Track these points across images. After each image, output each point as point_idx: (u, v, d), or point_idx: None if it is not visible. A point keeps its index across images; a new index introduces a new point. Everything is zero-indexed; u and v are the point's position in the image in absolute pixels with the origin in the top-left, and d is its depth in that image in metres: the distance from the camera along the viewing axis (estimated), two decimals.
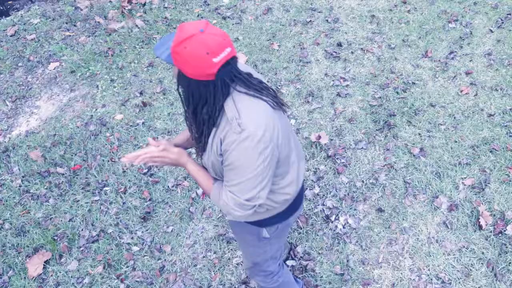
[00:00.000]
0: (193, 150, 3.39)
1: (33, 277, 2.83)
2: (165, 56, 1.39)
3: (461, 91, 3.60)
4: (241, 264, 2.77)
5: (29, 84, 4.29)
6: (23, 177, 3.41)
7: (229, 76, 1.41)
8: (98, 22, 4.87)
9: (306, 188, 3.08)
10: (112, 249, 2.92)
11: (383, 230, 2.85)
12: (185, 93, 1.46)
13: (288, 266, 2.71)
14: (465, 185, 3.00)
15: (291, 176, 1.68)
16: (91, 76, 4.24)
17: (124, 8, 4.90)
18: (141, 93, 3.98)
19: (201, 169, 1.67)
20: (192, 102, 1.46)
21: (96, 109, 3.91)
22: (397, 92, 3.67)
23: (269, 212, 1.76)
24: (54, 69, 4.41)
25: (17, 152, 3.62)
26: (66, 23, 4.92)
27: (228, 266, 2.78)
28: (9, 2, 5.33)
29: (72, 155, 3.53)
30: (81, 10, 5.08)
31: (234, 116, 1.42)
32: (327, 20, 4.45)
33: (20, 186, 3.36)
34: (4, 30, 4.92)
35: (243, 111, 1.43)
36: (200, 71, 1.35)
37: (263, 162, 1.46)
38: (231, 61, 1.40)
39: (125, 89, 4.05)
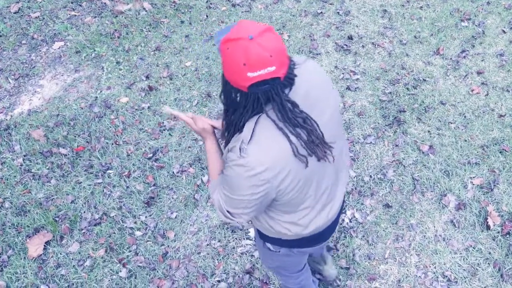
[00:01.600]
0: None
1: (33, 257, 2.78)
2: (218, 46, 1.28)
3: (472, 91, 3.57)
4: (246, 254, 2.73)
5: (33, 63, 4.21)
6: (24, 156, 3.35)
7: (265, 96, 1.25)
8: (104, 3, 4.78)
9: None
10: (114, 232, 2.88)
11: (390, 226, 2.82)
12: (222, 89, 1.35)
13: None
14: (473, 184, 2.98)
15: (294, 217, 1.54)
16: (96, 57, 4.16)
17: None
18: (147, 77, 3.92)
19: (217, 152, 1.59)
20: (225, 102, 1.35)
21: (101, 91, 3.84)
22: (408, 88, 3.63)
23: (268, 231, 1.65)
24: (58, 48, 4.33)
25: (18, 130, 3.55)
26: (71, 2, 4.82)
27: (233, 255, 2.74)
28: None
29: (75, 136, 3.46)
30: None
31: (244, 138, 1.30)
32: (338, 13, 4.40)
33: (21, 165, 3.29)
34: (7, 7, 4.82)
35: (255, 139, 1.29)
36: (233, 78, 1.23)
37: (251, 195, 1.35)
38: (271, 82, 1.22)
39: (131, 72, 3.99)
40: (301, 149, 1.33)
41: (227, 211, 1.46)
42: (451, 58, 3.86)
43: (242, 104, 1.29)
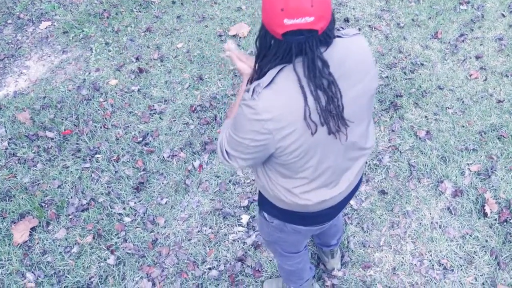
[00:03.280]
0: None
1: (19, 244, 2.69)
2: None
3: (470, 75, 3.49)
4: (238, 241, 2.67)
5: (19, 43, 4.06)
6: (9, 139, 3.24)
7: (298, 48, 1.18)
8: None
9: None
10: (102, 219, 2.79)
11: (385, 213, 2.76)
12: (258, 33, 1.28)
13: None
14: (471, 171, 2.92)
15: (290, 184, 1.47)
16: (84, 38, 4.03)
17: None
18: (137, 59, 3.80)
19: None
20: (258, 46, 1.29)
21: (89, 73, 3.72)
22: (405, 73, 3.54)
23: (266, 193, 1.59)
24: (45, 28, 4.18)
25: (4, 113, 3.43)
26: None
27: (224, 242, 2.67)
28: None
29: (62, 119, 3.35)
30: None
31: (262, 82, 1.24)
32: None
33: (6, 148, 3.19)
34: None
35: (272, 86, 1.24)
36: (269, 23, 1.17)
37: (250, 141, 1.30)
38: (307, 33, 1.15)
39: (121, 53, 3.86)
40: (315, 115, 1.26)
41: (226, 151, 1.42)
42: (449, 42, 3.77)
43: (273, 51, 1.23)
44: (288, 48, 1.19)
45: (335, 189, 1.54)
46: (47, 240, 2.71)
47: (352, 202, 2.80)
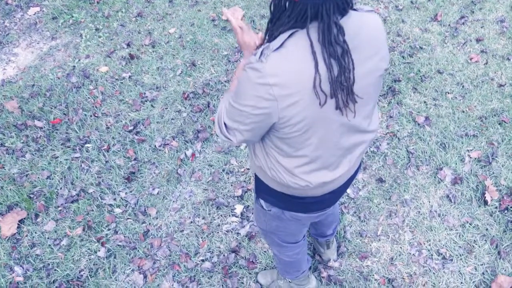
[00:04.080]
0: None
1: (7, 236, 2.62)
2: None
3: (471, 59, 3.39)
4: (231, 232, 2.60)
5: (7, 30, 3.95)
6: None
7: (314, 11, 1.11)
8: None
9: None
10: (92, 210, 2.72)
11: (383, 202, 2.69)
12: None
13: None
14: (471, 157, 2.84)
15: (289, 163, 1.39)
16: (74, 24, 3.92)
17: None
18: (128, 45, 3.69)
19: None
20: (272, 10, 1.21)
21: (79, 60, 3.61)
22: (403, 57, 3.44)
23: (264, 175, 1.51)
24: (34, 14, 4.07)
25: None
26: None
27: (217, 233, 2.60)
28: None
29: (51, 108, 3.26)
30: None
31: (272, 45, 1.16)
32: None
33: None
34: None
35: (282, 50, 1.15)
36: None
37: (252, 108, 1.21)
38: None
39: (111, 39, 3.75)
40: (325, 84, 1.17)
41: (224, 123, 1.34)
42: (449, 25, 3.66)
43: (287, 13, 1.15)
44: (303, 10, 1.11)
45: (336, 171, 1.46)
46: (35, 233, 2.64)
47: (348, 190, 2.72)
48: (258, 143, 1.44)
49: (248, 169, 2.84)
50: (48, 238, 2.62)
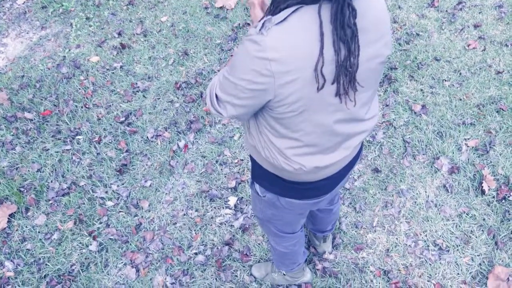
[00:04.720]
0: None
1: None
2: None
3: (468, 45, 3.33)
4: (225, 224, 2.56)
5: None
6: None
7: None
8: None
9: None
10: (84, 203, 2.67)
11: (378, 192, 2.64)
12: None
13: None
14: (468, 146, 2.79)
15: (282, 143, 1.33)
16: (64, 13, 3.83)
17: None
18: (119, 34, 3.61)
19: None
20: None
21: (69, 50, 3.54)
22: (400, 44, 3.38)
23: (258, 155, 1.46)
24: (23, 3, 3.98)
25: None
26: None
27: (211, 225, 2.56)
28: None
29: (41, 100, 3.20)
30: None
31: (275, 19, 1.08)
32: None
33: None
34: None
35: (285, 24, 1.07)
36: None
37: (248, 83, 1.15)
38: None
39: (102, 28, 3.68)
40: (328, 68, 1.11)
41: (216, 95, 1.27)
42: (446, 11, 3.59)
43: None
44: None
45: (331, 156, 1.39)
46: (26, 227, 2.60)
47: None
48: (253, 121, 1.37)
49: (242, 160, 2.79)
50: (39, 232, 2.58)
